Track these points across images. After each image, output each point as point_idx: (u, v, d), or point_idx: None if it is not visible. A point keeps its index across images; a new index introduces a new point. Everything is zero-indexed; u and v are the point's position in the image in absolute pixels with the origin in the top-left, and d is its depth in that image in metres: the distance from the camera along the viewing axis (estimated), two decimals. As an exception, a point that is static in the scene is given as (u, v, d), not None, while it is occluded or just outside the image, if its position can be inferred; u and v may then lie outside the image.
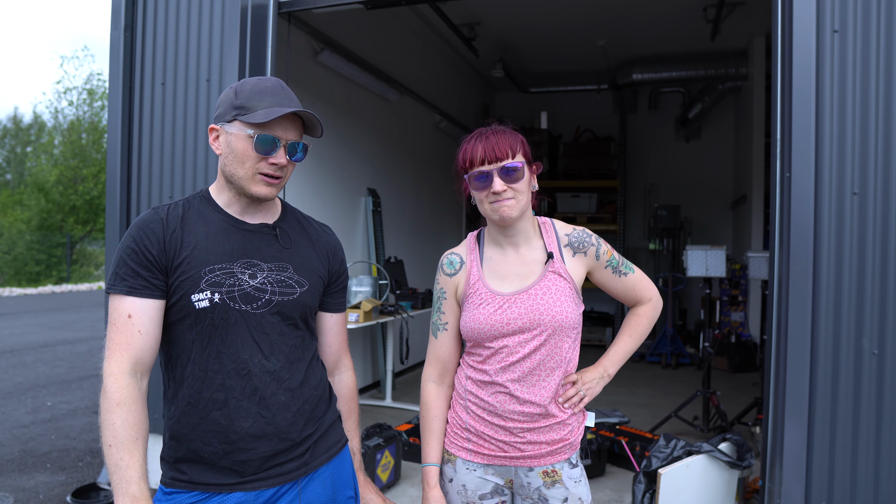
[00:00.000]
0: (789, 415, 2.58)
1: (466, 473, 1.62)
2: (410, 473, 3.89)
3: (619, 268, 1.67)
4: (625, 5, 6.14)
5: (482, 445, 1.60)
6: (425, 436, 1.68)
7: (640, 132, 9.37)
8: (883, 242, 2.49)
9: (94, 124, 21.65)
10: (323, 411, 1.52)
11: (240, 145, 1.37)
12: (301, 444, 1.44)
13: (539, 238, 1.63)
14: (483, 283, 1.60)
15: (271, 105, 1.37)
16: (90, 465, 4.11)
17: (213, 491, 1.37)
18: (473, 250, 1.66)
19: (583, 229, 1.66)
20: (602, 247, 1.65)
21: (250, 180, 1.39)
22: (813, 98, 2.56)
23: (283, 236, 1.48)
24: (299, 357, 1.47)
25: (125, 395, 1.29)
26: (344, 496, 1.54)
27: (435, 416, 1.67)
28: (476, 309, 1.58)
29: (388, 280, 5.78)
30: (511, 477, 1.62)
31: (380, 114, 6.24)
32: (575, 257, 1.62)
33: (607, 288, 1.69)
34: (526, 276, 1.59)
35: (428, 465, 1.66)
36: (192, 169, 3.52)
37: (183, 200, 1.45)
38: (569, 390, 1.61)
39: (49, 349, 8.40)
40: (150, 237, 1.35)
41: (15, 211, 20.78)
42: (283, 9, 3.52)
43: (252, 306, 1.38)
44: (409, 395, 5.92)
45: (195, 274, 1.35)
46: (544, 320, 1.54)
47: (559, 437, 1.59)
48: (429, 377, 1.70)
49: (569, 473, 1.61)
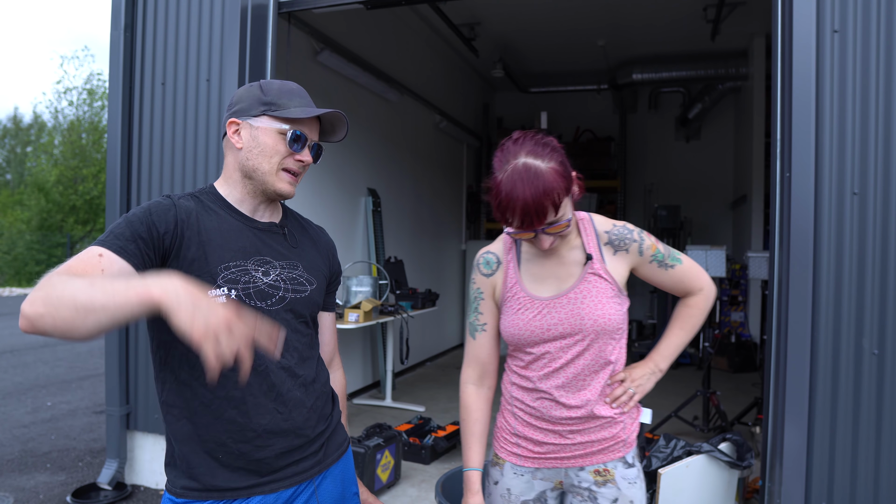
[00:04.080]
0: (789, 415, 2.58)
1: (514, 478, 1.58)
2: (410, 473, 3.89)
3: (666, 261, 1.57)
4: (625, 5, 6.14)
5: (531, 450, 1.55)
6: (465, 439, 1.62)
7: (640, 132, 9.37)
8: (883, 242, 2.49)
9: (94, 124, 21.65)
10: (331, 409, 1.53)
11: (269, 140, 1.38)
12: (315, 440, 1.45)
13: (578, 237, 1.54)
14: (521, 287, 1.54)
15: (300, 105, 1.41)
16: (90, 465, 4.11)
17: (230, 497, 1.34)
18: (510, 250, 1.59)
19: (623, 224, 1.57)
20: (645, 241, 1.55)
21: (274, 176, 1.40)
22: (813, 98, 2.56)
23: (290, 235, 1.50)
24: (310, 355, 1.48)
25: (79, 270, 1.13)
26: (350, 492, 1.56)
27: (476, 419, 1.62)
28: (515, 314, 1.53)
29: (388, 280, 5.78)
30: (561, 478, 1.57)
31: (380, 114, 6.24)
32: (616, 255, 1.54)
33: (655, 282, 1.60)
34: (565, 279, 1.52)
35: (469, 469, 1.61)
36: (192, 169, 3.52)
37: (190, 194, 1.42)
38: (616, 389, 1.54)
39: (49, 349, 8.40)
40: (164, 216, 1.29)
41: (15, 211, 20.78)
42: (283, 9, 3.52)
43: (267, 303, 1.38)
44: (409, 395, 5.92)
45: (211, 270, 1.33)
46: (586, 325, 1.47)
47: (610, 434, 1.53)
48: (468, 379, 1.64)
49: (623, 473, 1.54)
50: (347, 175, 5.69)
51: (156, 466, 3.68)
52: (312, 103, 1.45)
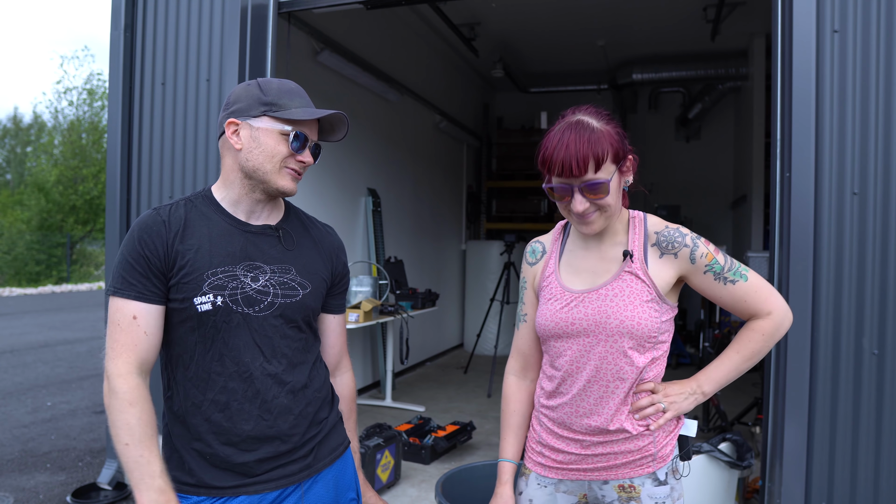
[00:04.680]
0: (789, 415, 2.58)
1: (537, 489, 1.52)
2: (410, 473, 3.89)
3: (724, 273, 1.42)
4: (625, 6, 6.14)
5: (554, 460, 1.49)
6: (503, 430, 1.60)
7: (640, 132, 9.37)
8: (883, 242, 2.49)
9: (94, 124, 21.65)
10: (326, 414, 1.51)
11: (270, 141, 1.38)
12: (303, 446, 1.44)
13: (625, 233, 1.46)
14: (556, 277, 1.48)
15: (301, 105, 1.40)
16: (90, 465, 4.11)
17: (217, 495, 1.37)
18: (557, 240, 1.54)
19: (677, 227, 1.45)
20: (700, 248, 1.41)
21: (277, 174, 1.40)
22: (813, 98, 2.56)
23: (286, 238, 1.47)
24: (302, 360, 1.46)
25: (137, 395, 1.29)
26: (346, 498, 1.54)
27: (514, 410, 1.59)
28: (545, 304, 1.47)
29: (388, 280, 5.78)
30: (585, 492, 1.49)
31: (380, 114, 6.24)
32: (662, 258, 1.42)
33: (712, 297, 1.44)
34: (601, 274, 1.44)
35: (502, 460, 1.58)
36: (191, 169, 3.52)
37: (185, 200, 1.43)
38: (642, 399, 1.42)
39: (49, 349, 8.40)
40: (154, 240, 1.34)
41: (15, 211, 20.77)
42: (283, 9, 3.52)
43: (254, 309, 1.38)
44: (409, 395, 5.92)
45: (197, 277, 1.34)
46: (610, 325, 1.38)
47: (636, 447, 1.43)
48: (510, 370, 1.62)
49: (650, 491, 1.43)
50: (347, 175, 5.69)
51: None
52: (311, 103, 1.45)
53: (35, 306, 13.53)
